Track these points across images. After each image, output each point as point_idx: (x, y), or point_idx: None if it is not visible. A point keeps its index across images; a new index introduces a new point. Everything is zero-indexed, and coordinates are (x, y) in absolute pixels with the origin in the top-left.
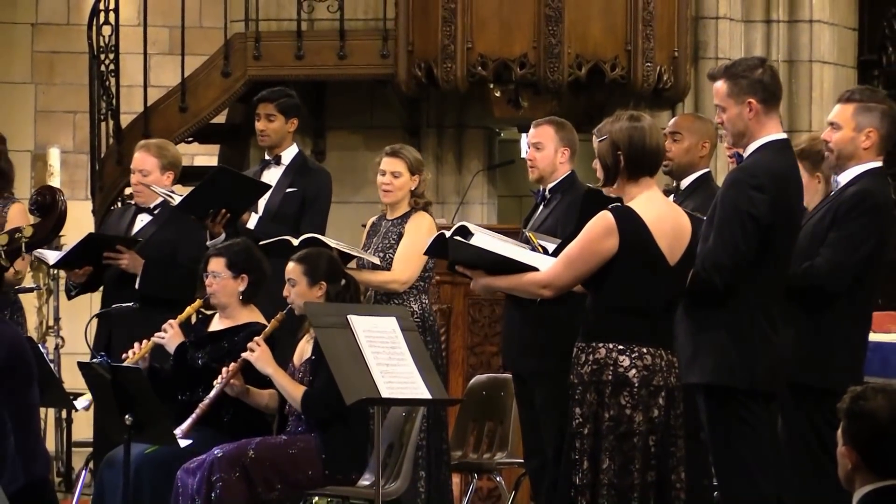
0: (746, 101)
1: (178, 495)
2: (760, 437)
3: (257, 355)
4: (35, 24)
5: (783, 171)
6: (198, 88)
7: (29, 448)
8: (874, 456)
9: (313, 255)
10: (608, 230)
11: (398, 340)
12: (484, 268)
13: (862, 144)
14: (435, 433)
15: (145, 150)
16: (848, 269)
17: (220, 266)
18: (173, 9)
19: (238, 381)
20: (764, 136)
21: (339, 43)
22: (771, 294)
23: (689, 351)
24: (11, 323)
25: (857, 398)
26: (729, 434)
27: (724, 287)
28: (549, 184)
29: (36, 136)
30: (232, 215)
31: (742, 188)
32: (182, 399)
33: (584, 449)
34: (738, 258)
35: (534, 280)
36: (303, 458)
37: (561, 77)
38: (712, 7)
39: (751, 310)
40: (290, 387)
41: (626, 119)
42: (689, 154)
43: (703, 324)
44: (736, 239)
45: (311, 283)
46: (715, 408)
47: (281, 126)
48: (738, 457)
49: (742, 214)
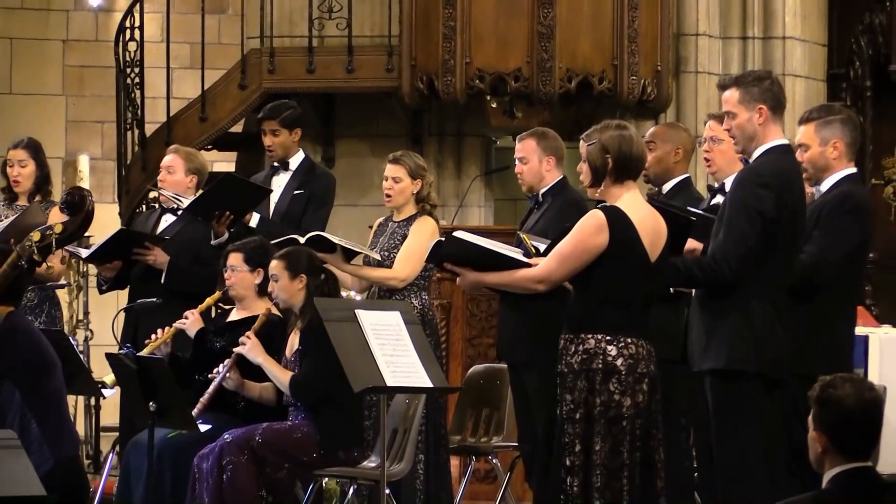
0: (757, 107)
1: (195, 478)
2: (763, 423)
3: (248, 347)
4: (66, 40)
5: (787, 171)
6: (216, 100)
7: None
8: (842, 440)
9: (293, 252)
10: (599, 227)
11: (402, 333)
12: (473, 265)
13: (831, 156)
14: (435, 419)
15: (175, 152)
16: (832, 264)
17: (239, 260)
18: (194, 26)
19: (235, 374)
20: (769, 141)
21: (348, 58)
22: (777, 286)
23: (704, 341)
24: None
25: (827, 387)
26: (734, 418)
27: (733, 278)
28: (540, 189)
29: (67, 144)
30: (235, 216)
31: (749, 186)
32: (199, 379)
33: (577, 433)
34: (746, 251)
35: (528, 276)
36: (307, 441)
37: (552, 89)
38: (692, 25)
39: (759, 301)
40: (278, 373)
41: (615, 127)
42: (662, 162)
43: (716, 315)
44: (744, 233)
45: (292, 276)
46: (723, 392)
47: (286, 138)
48: (740, 441)
49: (749, 210)
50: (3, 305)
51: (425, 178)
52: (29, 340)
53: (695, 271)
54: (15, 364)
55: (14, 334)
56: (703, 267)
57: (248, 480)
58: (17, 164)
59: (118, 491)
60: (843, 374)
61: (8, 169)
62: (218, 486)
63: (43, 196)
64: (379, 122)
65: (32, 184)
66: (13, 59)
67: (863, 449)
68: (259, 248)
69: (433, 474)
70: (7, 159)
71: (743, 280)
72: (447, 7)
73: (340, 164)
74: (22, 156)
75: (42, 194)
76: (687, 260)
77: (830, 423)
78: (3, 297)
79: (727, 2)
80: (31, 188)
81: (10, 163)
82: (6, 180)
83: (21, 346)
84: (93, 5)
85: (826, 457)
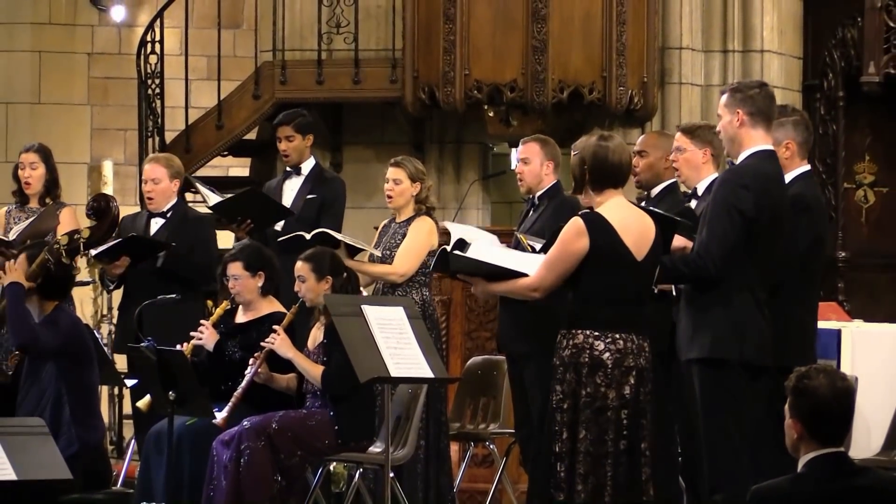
0: (736, 111)
1: (213, 462)
2: (746, 409)
3: (278, 343)
4: (91, 53)
5: (768, 173)
6: (232, 109)
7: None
8: (816, 427)
9: (318, 254)
10: (579, 232)
11: (405, 327)
12: (481, 275)
13: (784, 155)
14: (434, 407)
15: (155, 161)
16: (789, 263)
17: (239, 269)
18: (211, 40)
19: (264, 368)
20: (752, 146)
21: (354, 70)
22: (758, 281)
23: (690, 332)
24: (71, 311)
25: (802, 377)
26: (719, 404)
27: (716, 272)
28: (537, 192)
29: (92, 151)
30: (256, 226)
31: (730, 187)
32: (224, 389)
33: (564, 421)
34: (728, 247)
35: (524, 285)
36: (320, 429)
37: (546, 99)
38: (676, 39)
39: (741, 295)
40: (310, 368)
41: (596, 138)
42: (653, 168)
43: (702, 308)
44: (725, 231)
45: (319, 278)
46: (709, 379)
47: (300, 143)
48: (725, 426)
49: (730, 209)
50: (50, 300)
51: (424, 181)
52: (76, 330)
53: (680, 267)
54: (62, 350)
55: (62, 324)
56: (688, 263)
57: (263, 465)
58: (28, 166)
59: (139, 475)
60: (817, 365)
61: (19, 171)
62: (235, 470)
63: (52, 198)
64: (384, 130)
65: (42, 186)
66: (42, 71)
67: (836, 435)
68: (255, 252)
69: (434, 459)
70: (19, 162)
71: (726, 275)
72: (447, 23)
73: (348, 170)
74: (33, 159)
75: (51, 196)
76: (673, 257)
77: (806, 411)
78: (52, 293)
79: (709, 17)
80: (40, 190)
81: (22, 165)
82: (18, 183)
83: (68, 334)
84: (116, 20)
85: (801, 442)
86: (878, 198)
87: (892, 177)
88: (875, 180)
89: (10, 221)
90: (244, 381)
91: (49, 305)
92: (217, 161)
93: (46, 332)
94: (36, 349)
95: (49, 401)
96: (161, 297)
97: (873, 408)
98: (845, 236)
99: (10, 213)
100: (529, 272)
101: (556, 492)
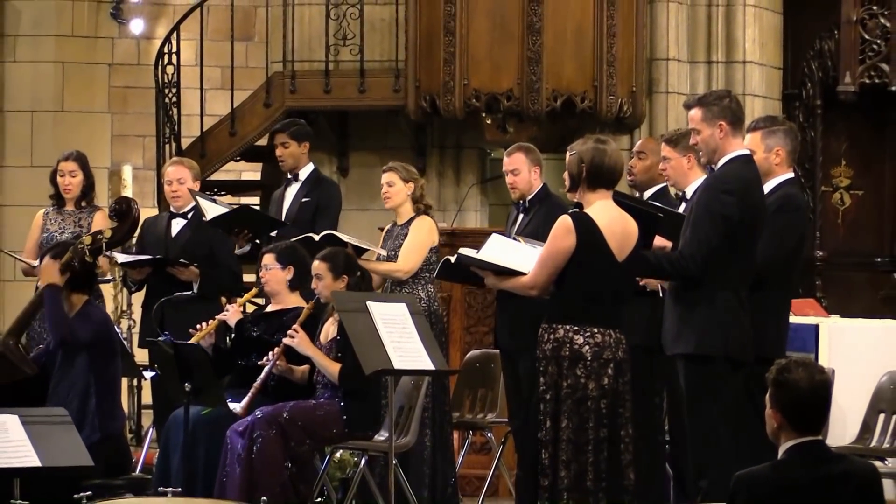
0: (718, 123)
1: (227, 450)
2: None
3: (297, 340)
4: (111, 64)
5: (748, 178)
6: (244, 117)
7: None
8: (795, 417)
9: (334, 254)
10: (567, 230)
11: (408, 322)
12: (490, 270)
13: (774, 161)
14: (439, 398)
15: (179, 163)
16: (781, 258)
17: (272, 260)
18: (224, 52)
19: (282, 361)
20: (731, 152)
21: (360, 80)
22: (740, 280)
23: (676, 329)
24: (101, 306)
25: (783, 370)
26: (704, 396)
27: (697, 273)
28: (528, 196)
29: (112, 156)
30: (253, 235)
31: (713, 193)
32: (241, 364)
33: (547, 411)
34: (709, 250)
35: (523, 283)
36: (329, 419)
37: (540, 107)
38: (663, 50)
39: (724, 293)
40: (328, 365)
41: (593, 141)
42: (650, 171)
43: (687, 306)
44: (708, 234)
45: (335, 276)
46: (694, 373)
47: (295, 150)
48: (709, 417)
49: (714, 214)
50: (79, 293)
51: (417, 181)
52: (105, 324)
53: (664, 264)
54: (94, 342)
55: (94, 317)
56: (671, 261)
57: (275, 453)
58: (67, 174)
59: (158, 461)
60: (797, 358)
61: (59, 178)
62: (248, 457)
63: (87, 202)
64: (387, 136)
65: (80, 191)
66: (65, 81)
67: (814, 424)
68: (289, 248)
69: (439, 448)
70: (58, 169)
71: (708, 275)
72: (447, 35)
73: (353, 174)
74: (72, 167)
75: (87, 200)
76: (658, 253)
77: (785, 402)
78: (79, 286)
79: (694, 30)
80: (78, 195)
81: (62, 173)
82: (55, 188)
83: (99, 327)
84: (135, 33)
85: (782, 431)
86: (853, 200)
87: (866, 180)
88: (851, 184)
89: (48, 223)
90: (262, 373)
91: (78, 299)
92: (230, 166)
93: (80, 325)
94: (73, 343)
95: (79, 391)
96: (178, 294)
97: (849, 398)
98: (823, 237)
99: (47, 214)
100: (528, 271)
101: (542, 477)
